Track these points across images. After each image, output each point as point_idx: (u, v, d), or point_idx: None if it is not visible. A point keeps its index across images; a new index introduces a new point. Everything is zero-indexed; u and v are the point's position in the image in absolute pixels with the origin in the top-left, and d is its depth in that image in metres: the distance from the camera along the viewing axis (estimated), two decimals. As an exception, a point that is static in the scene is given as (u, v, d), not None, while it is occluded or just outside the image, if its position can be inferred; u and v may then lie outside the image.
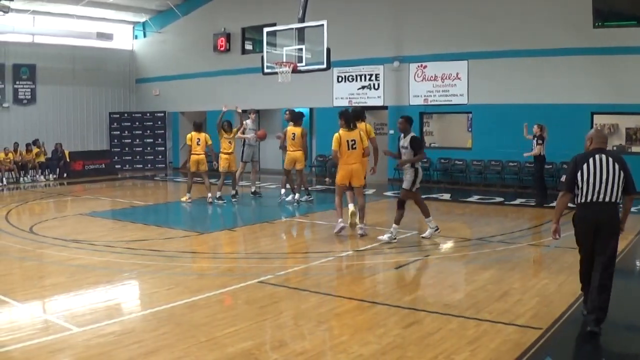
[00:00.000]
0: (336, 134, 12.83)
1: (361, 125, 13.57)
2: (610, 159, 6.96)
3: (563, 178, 7.48)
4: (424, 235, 12.46)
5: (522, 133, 18.24)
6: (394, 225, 12.06)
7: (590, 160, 7.00)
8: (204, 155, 17.71)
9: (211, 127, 24.01)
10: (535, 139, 17.57)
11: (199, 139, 17.69)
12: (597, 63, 19.50)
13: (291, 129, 17.01)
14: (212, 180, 18.02)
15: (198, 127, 18.02)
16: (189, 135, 17.88)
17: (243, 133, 18.48)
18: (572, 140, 19.63)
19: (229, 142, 17.80)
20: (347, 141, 12.68)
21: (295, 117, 17.26)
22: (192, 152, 17.77)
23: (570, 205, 7.27)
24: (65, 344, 6.56)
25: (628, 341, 7.02)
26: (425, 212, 12.47)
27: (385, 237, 12.09)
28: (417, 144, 12.10)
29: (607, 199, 6.88)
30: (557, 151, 19.83)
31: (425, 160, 22.93)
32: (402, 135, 12.27)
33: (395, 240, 11.98)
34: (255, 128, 18.15)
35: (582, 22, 19.68)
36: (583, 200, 7.00)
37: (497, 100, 21.44)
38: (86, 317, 7.54)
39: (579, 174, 6.99)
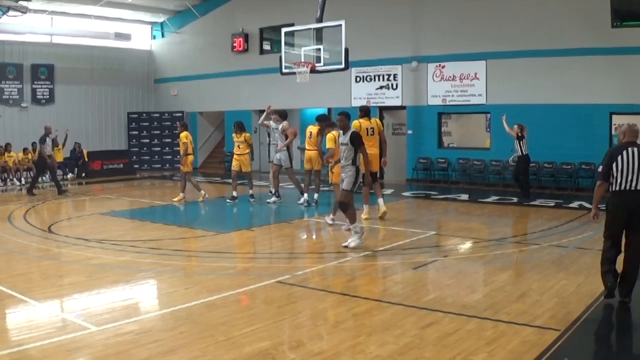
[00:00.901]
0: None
1: (372, 120, 15.04)
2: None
3: (600, 169, 8.14)
4: (346, 244, 11.41)
5: (538, 133, 18.16)
6: (352, 225, 11.46)
7: (624, 152, 7.78)
8: (247, 155, 17.92)
9: (230, 126, 24.07)
10: (517, 139, 17.72)
11: (238, 142, 17.78)
12: (615, 63, 19.36)
13: (310, 127, 16.92)
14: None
15: (241, 128, 17.98)
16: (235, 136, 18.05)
17: (268, 135, 18.72)
18: (591, 141, 19.67)
19: (238, 145, 17.82)
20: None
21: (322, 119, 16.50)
22: (236, 153, 17.93)
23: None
24: (83, 343, 6.59)
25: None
26: (352, 218, 11.53)
27: (350, 243, 11.35)
28: (357, 140, 11.53)
29: (638, 187, 7.70)
30: (575, 152, 19.81)
31: (443, 160, 22.94)
32: (342, 132, 12.28)
33: (361, 242, 11.37)
34: (277, 128, 17.88)
35: (601, 22, 19.54)
36: (617, 188, 7.80)
37: (515, 100, 21.32)
38: (104, 316, 7.57)
39: (614, 165, 7.79)
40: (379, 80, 24.99)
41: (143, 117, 31.45)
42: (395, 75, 24.55)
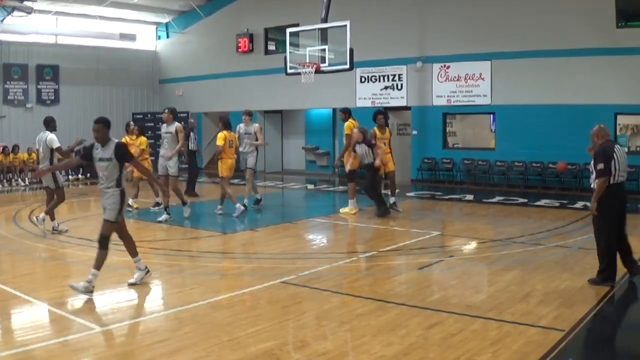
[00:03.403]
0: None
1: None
2: (622, 148, 9.00)
3: (600, 166, 8.67)
4: (132, 280, 9.05)
5: (543, 133, 18.14)
6: (93, 270, 8.49)
7: (616, 149, 8.74)
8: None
9: (235, 127, 23.99)
10: (365, 144, 15.60)
11: (231, 140, 15.84)
12: (620, 63, 19.33)
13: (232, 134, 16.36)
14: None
15: (228, 125, 15.94)
16: (221, 135, 15.77)
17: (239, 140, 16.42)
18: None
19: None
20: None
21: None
22: (226, 155, 15.68)
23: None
24: (88, 343, 6.60)
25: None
26: (132, 251, 9.22)
27: (80, 285, 8.38)
28: (125, 155, 8.86)
29: (625, 179, 8.87)
30: (580, 152, 19.68)
31: (447, 160, 22.94)
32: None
33: (92, 293, 8.43)
34: (251, 132, 16.60)
35: (605, 22, 19.52)
36: (614, 181, 8.67)
37: (520, 100, 21.32)
38: (109, 316, 7.59)
39: (612, 162, 8.60)
40: (384, 80, 24.99)
41: (148, 118, 31.44)
42: (400, 76, 24.55)
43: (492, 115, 23.80)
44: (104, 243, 8.62)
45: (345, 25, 17.08)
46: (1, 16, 25.30)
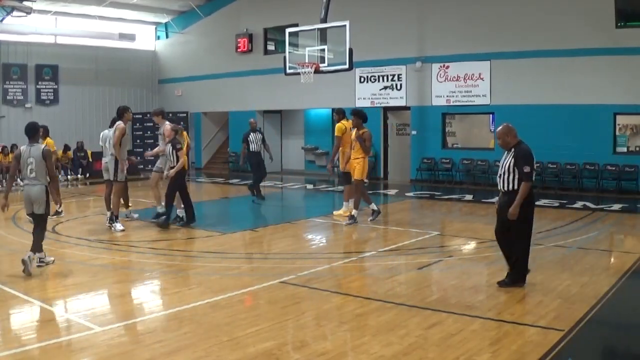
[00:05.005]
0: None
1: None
2: None
3: (526, 169, 8.38)
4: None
5: (543, 133, 18.13)
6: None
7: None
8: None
9: (234, 127, 23.95)
10: (171, 146, 13.80)
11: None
12: (619, 63, 19.35)
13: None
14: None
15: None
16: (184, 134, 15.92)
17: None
18: (595, 141, 19.69)
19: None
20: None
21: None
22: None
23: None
24: (87, 343, 6.59)
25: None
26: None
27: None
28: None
29: None
30: (579, 152, 19.81)
31: (447, 161, 22.95)
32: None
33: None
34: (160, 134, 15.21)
35: (605, 23, 19.55)
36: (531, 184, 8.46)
37: (519, 100, 21.33)
38: (108, 316, 7.58)
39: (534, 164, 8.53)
40: (383, 80, 25.00)
41: (147, 118, 31.35)
42: (399, 76, 24.56)
43: (491, 115, 23.83)
44: None
45: (345, 25, 17.06)
46: (0, 16, 25.30)
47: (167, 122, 14.83)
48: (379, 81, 25.14)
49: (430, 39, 23.70)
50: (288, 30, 19.23)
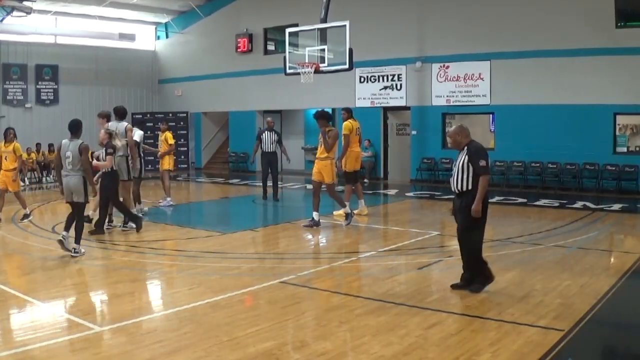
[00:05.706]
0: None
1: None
2: None
3: (482, 163, 8.34)
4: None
5: (543, 133, 18.13)
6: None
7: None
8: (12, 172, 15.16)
9: (234, 127, 23.92)
10: (105, 148, 12.99)
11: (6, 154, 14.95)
12: (619, 63, 19.35)
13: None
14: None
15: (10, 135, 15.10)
16: (170, 134, 17.24)
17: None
18: (595, 141, 19.69)
19: (5, 157, 15.11)
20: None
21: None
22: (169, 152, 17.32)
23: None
24: (87, 343, 6.59)
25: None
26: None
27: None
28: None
29: None
30: (579, 152, 19.81)
31: (447, 161, 22.94)
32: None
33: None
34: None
35: (605, 23, 19.55)
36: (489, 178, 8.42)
37: (519, 100, 21.34)
38: (108, 316, 7.59)
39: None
40: (383, 80, 25.00)
41: (147, 118, 31.43)
42: (399, 76, 24.56)
43: (491, 115, 23.82)
44: None
45: (345, 25, 17.04)
46: (0, 16, 25.30)
47: (110, 124, 13.76)
48: (379, 81, 25.14)
49: (430, 39, 23.70)
50: (288, 30, 19.21)
